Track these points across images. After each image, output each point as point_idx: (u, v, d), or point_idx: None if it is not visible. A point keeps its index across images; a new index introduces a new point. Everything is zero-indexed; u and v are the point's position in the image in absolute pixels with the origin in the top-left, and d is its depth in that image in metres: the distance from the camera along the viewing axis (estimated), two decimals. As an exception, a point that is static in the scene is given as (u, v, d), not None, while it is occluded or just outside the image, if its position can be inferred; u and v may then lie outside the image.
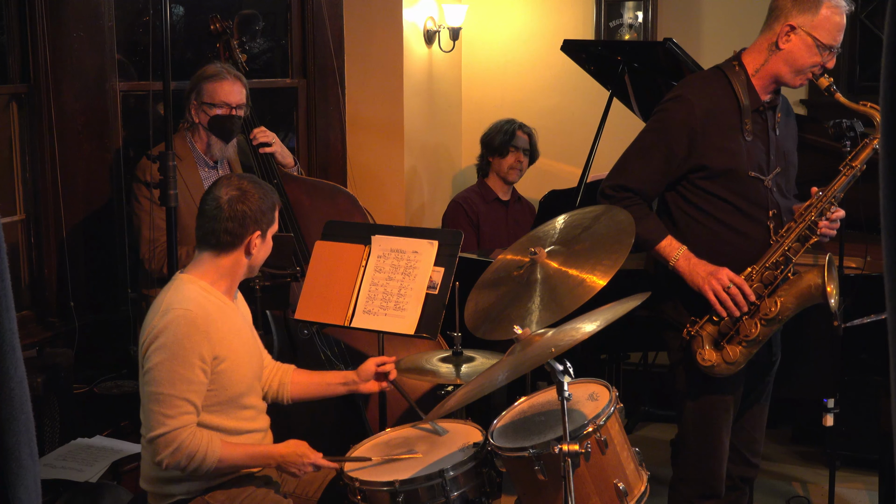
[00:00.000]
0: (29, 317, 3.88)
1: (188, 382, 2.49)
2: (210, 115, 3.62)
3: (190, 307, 2.52)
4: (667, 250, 2.92)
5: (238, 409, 2.62)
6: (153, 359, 2.49)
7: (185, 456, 2.48)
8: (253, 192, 2.61)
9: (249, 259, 2.64)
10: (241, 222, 2.59)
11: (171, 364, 2.47)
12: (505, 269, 2.85)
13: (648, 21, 5.22)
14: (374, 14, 4.83)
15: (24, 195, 3.92)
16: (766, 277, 2.88)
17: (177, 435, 2.47)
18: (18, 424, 0.87)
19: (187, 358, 2.48)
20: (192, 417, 2.50)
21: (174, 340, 2.48)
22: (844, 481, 4.14)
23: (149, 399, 2.50)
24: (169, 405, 2.47)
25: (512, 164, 4.79)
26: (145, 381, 2.51)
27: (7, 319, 0.86)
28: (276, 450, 2.62)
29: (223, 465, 2.55)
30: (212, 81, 3.63)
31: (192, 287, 2.57)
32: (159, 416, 2.48)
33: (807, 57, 2.87)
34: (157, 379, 2.48)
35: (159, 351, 2.49)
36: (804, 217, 2.88)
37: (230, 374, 2.57)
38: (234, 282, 2.67)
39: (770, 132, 2.97)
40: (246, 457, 2.60)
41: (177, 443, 2.47)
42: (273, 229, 2.68)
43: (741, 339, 2.87)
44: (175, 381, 2.47)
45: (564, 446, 2.27)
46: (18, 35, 3.82)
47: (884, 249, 0.84)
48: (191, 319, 2.50)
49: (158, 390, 2.48)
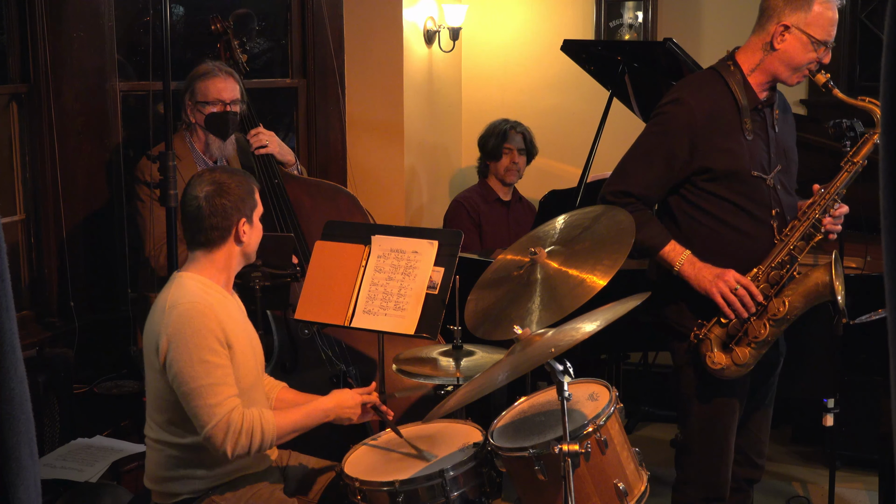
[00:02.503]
0: (29, 317, 3.88)
1: (219, 367, 2.47)
2: (205, 113, 3.62)
3: (195, 300, 2.51)
4: (670, 256, 2.89)
5: (247, 403, 2.61)
6: (176, 358, 2.46)
7: (245, 435, 2.46)
8: (228, 182, 2.59)
9: (242, 246, 2.62)
10: (225, 215, 2.57)
11: (198, 355, 2.45)
12: (505, 269, 2.85)
13: (648, 21, 5.22)
14: (374, 14, 4.83)
15: (24, 195, 3.92)
16: (773, 277, 2.86)
17: (229, 420, 2.45)
18: (18, 424, 0.86)
19: (209, 345, 2.46)
20: (235, 400, 2.48)
21: (191, 333, 2.46)
22: (844, 481, 4.14)
23: (188, 398, 2.46)
24: (211, 394, 2.45)
25: (508, 166, 4.80)
26: (177, 383, 2.47)
27: (7, 319, 0.86)
28: (325, 403, 2.64)
29: (283, 433, 2.55)
30: (204, 80, 3.63)
31: (191, 283, 2.57)
32: (205, 408, 2.45)
33: (802, 54, 2.87)
34: (189, 376, 2.45)
35: (179, 348, 2.46)
36: (808, 215, 2.86)
37: (238, 365, 2.56)
38: (232, 273, 2.66)
39: (769, 130, 2.96)
40: (301, 417, 2.60)
41: (232, 426, 2.45)
42: (258, 211, 2.65)
43: (750, 340, 2.85)
44: (208, 371, 2.45)
45: (564, 446, 2.27)
46: (18, 35, 3.82)
47: (884, 249, 0.84)
48: (200, 310, 2.49)
49: (195, 385, 2.45)
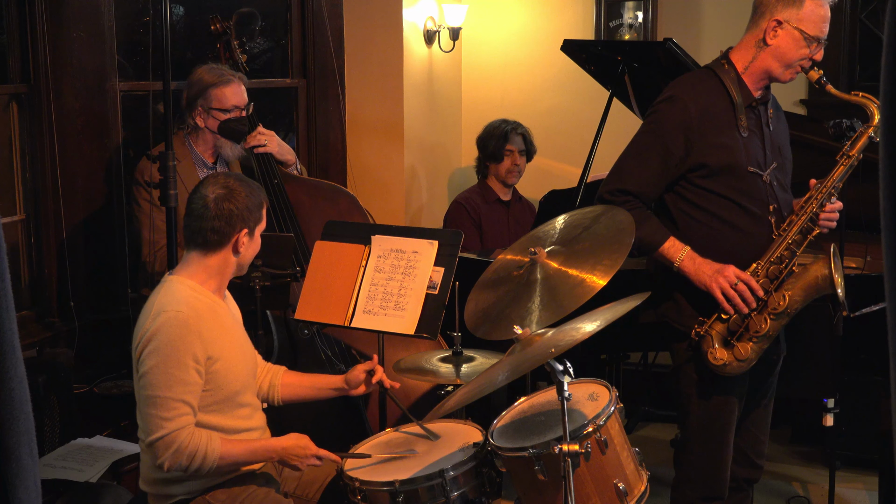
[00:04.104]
0: (29, 317, 3.88)
1: (183, 384, 2.48)
2: (220, 119, 3.61)
3: (181, 308, 2.51)
4: (670, 252, 2.90)
5: (234, 407, 2.62)
6: (147, 363, 2.48)
7: (186, 456, 2.47)
8: (240, 189, 2.59)
9: (238, 257, 2.63)
10: (229, 221, 2.57)
11: (166, 366, 2.47)
12: (505, 269, 2.85)
13: (648, 21, 5.22)
14: (374, 14, 4.83)
15: (24, 195, 3.92)
16: (772, 272, 2.87)
17: (176, 436, 2.47)
18: (18, 424, 0.87)
19: (181, 359, 2.48)
20: (189, 419, 2.50)
21: (167, 343, 2.48)
22: (844, 481, 4.14)
23: (145, 403, 2.49)
24: (165, 408, 2.47)
25: (509, 167, 4.81)
26: (140, 385, 2.50)
27: (7, 319, 0.86)
28: (277, 443, 2.62)
29: (224, 463, 2.54)
30: (219, 87, 3.60)
31: (181, 288, 2.56)
32: (157, 419, 2.47)
33: (795, 50, 2.88)
34: (152, 382, 2.47)
35: (153, 354, 2.48)
36: (805, 209, 2.88)
37: (224, 373, 2.57)
38: (224, 281, 2.66)
39: (764, 128, 2.98)
40: (247, 452, 2.59)
41: (176, 444, 2.47)
42: (261, 227, 2.66)
43: (751, 335, 2.85)
44: (170, 384, 2.47)
45: (564, 446, 2.27)
46: (18, 35, 3.82)
47: (884, 249, 0.84)
48: (182, 321, 2.50)
49: (154, 393, 2.47)
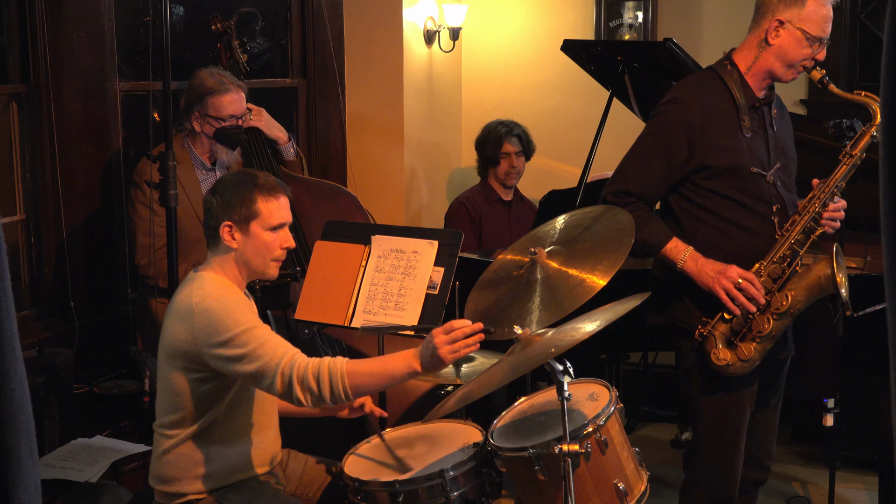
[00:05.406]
0: (29, 317, 3.88)
1: (265, 329, 2.42)
2: (216, 127, 3.60)
3: (221, 293, 2.47)
4: (673, 252, 2.90)
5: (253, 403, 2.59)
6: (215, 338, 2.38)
7: (312, 374, 2.34)
8: (226, 183, 2.56)
9: (235, 253, 2.53)
10: (211, 214, 2.54)
11: (244, 326, 2.39)
12: (505, 269, 2.85)
13: (648, 21, 5.22)
14: (374, 14, 4.83)
15: (24, 195, 3.92)
16: (775, 272, 2.87)
17: (291, 359, 2.36)
18: (18, 424, 0.86)
19: (248, 316, 2.42)
20: (289, 345, 2.39)
21: (228, 311, 2.40)
22: (844, 481, 4.14)
23: (247, 363, 2.37)
24: (269, 347, 2.37)
25: (507, 170, 4.83)
26: (233, 367, 2.39)
27: (7, 319, 0.86)
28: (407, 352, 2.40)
29: (358, 379, 2.36)
30: (217, 95, 3.55)
31: (213, 283, 2.51)
32: (266, 361, 2.36)
33: (797, 50, 2.88)
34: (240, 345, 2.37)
35: (217, 326, 2.39)
36: (808, 209, 2.88)
37: None
38: (239, 279, 2.57)
39: (768, 128, 2.98)
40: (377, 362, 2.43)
41: (295, 364, 2.35)
42: (260, 221, 2.52)
43: (754, 335, 2.85)
44: (257, 333, 2.39)
45: (564, 446, 2.27)
46: (18, 35, 3.82)
47: (884, 249, 0.84)
48: (229, 297, 2.46)
49: (247, 350, 2.37)
